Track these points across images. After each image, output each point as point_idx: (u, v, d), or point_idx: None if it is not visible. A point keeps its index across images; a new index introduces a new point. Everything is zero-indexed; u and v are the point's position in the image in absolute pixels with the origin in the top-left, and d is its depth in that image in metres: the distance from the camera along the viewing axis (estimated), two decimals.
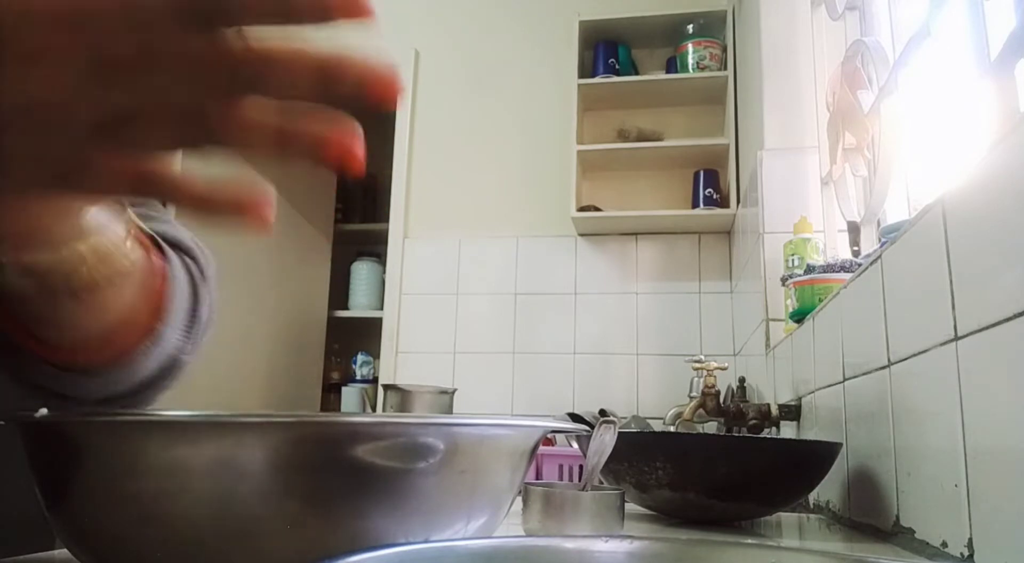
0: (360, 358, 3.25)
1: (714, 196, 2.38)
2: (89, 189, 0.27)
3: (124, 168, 0.26)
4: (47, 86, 0.23)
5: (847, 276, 1.10)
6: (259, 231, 0.27)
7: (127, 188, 0.27)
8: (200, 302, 0.48)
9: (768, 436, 1.33)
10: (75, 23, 0.23)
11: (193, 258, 0.49)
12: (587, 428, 0.60)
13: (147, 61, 0.24)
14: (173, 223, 0.49)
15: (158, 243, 0.44)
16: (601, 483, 0.82)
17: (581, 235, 2.55)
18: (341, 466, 0.34)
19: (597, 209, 2.45)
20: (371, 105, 0.25)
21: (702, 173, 2.43)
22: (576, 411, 2.11)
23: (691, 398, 1.68)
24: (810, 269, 1.28)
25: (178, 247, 0.48)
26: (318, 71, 0.24)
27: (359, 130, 0.26)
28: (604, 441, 0.60)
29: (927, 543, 0.65)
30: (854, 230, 1.42)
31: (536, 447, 0.44)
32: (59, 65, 0.23)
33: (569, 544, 0.32)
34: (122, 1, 0.23)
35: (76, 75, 0.23)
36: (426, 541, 0.35)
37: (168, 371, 0.47)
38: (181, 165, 0.27)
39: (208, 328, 0.50)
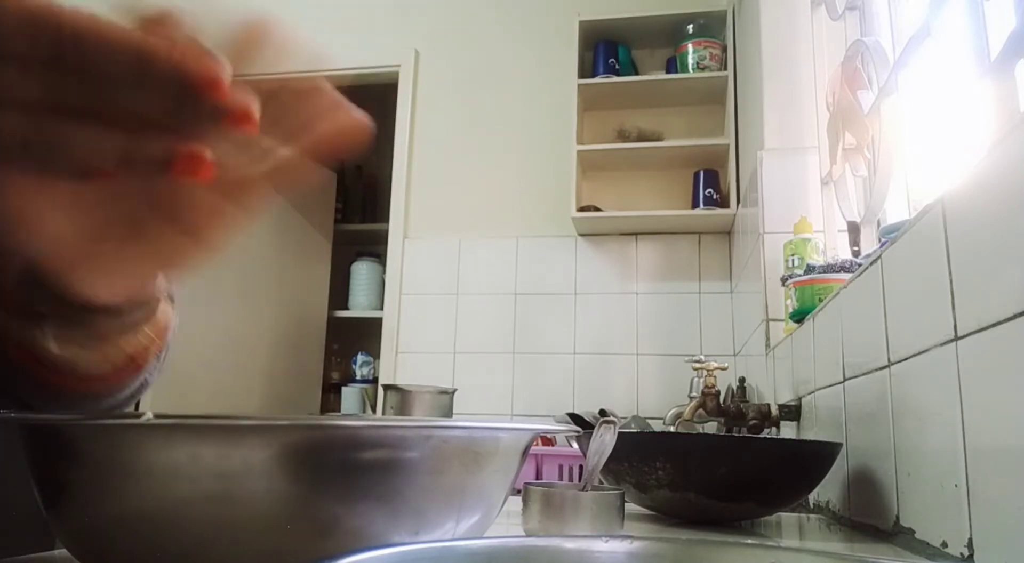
0: (360, 358, 3.25)
1: (714, 196, 2.38)
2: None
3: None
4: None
5: (847, 276, 1.10)
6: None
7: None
8: (168, 346, 0.49)
9: (768, 436, 1.33)
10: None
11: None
12: (577, 429, 0.60)
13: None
14: None
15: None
16: (601, 483, 0.82)
17: (581, 235, 2.55)
18: (334, 468, 0.34)
19: (597, 209, 2.45)
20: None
21: (702, 173, 2.43)
22: (576, 411, 2.11)
23: (691, 398, 1.68)
24: (810, 269, 1.28)
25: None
26: (136, 55, 0.24)
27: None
28: (604, 441, 0.60)
29: (927, 543, 0.65)
30: (854, 230, 1.42)
31: (527, 449, 0.44)
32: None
33: (569, 544, 0.32)
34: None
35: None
36: (426, 541, 0.35)
37: (136, 394, 0.48)
38: None
39: (165, 364, 0.51)
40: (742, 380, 1.75)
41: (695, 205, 2.40)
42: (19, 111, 0.24)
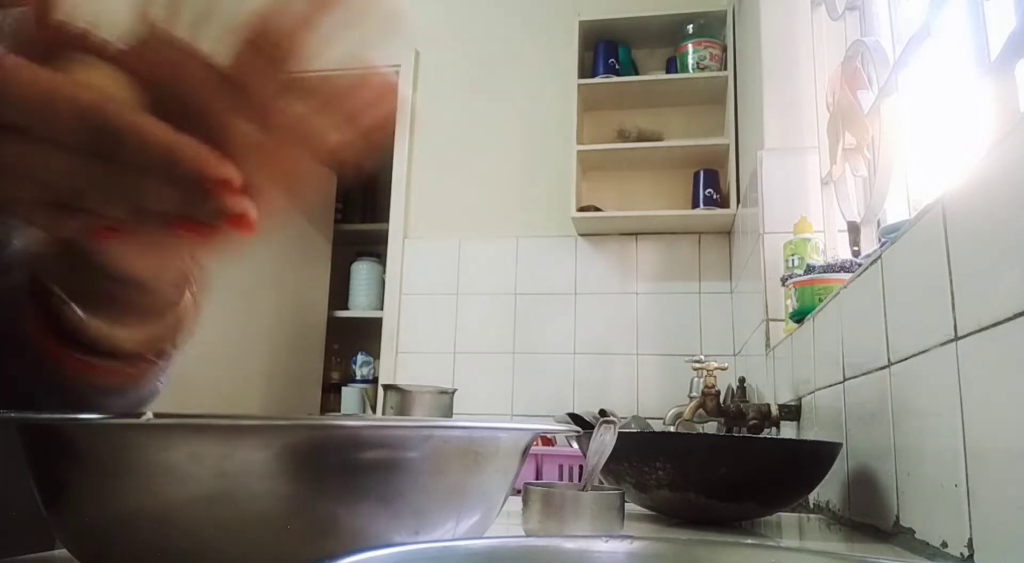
0: (360, 358, 3.25)
1: (714, 196, 2.38)
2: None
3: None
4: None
5: (847, 276, 1.10)
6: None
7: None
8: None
9: (768, 436, 1.33)
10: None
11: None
12: (577, 429, 0.60)
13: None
14: None
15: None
16: (601, 483, 0.82)
17: (581, 235, 2.55)
18: (334, 468, 0.34)
19: (597, 209, 2.45)
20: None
21: (702, 173, 2.43)
22: (576, 411, 2.11)
23: (691, 398, 1.68)
24: (810, 269, 1.28)
25: None
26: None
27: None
28: (604, 441, 0.60)
29: (927, 543, 0.65)
30: (854, 230, 1.42)
31: (527, 449, 0.44)
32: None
33: (569, 544, 0.32)
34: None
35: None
36: (426, 541, 0.35)
37: (149, 398, 0.50)
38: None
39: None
40: (742, 380, 1.75)
41: (695, 205, 2.40)
42: (49, 183, 0.27)
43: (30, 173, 0.27)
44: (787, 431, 1.35)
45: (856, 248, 1.40)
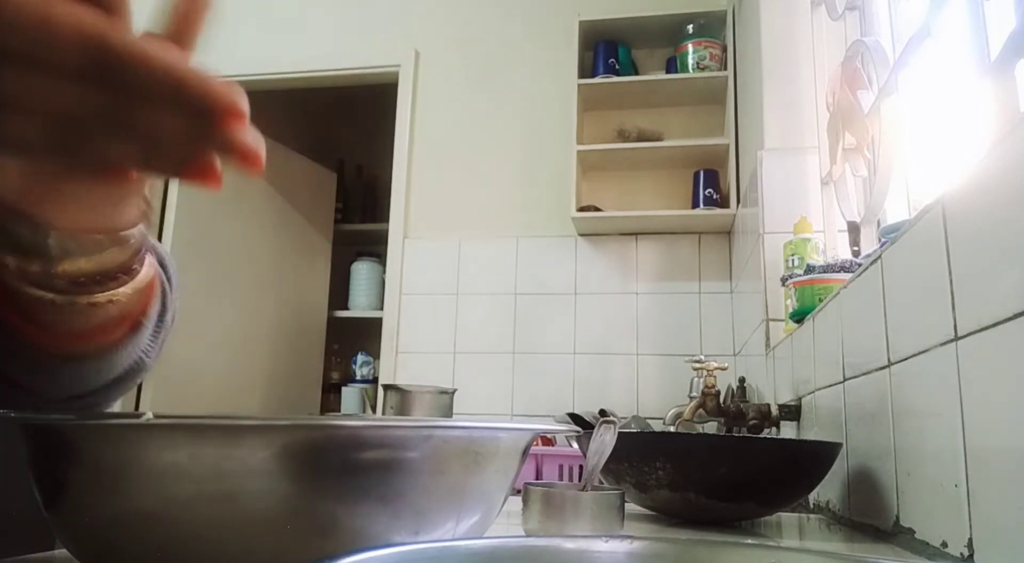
0: (360, 358, 3.25)
1: (714, 196, 2.38)
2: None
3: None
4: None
5: (847, 276, 1.10)
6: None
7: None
8: (167, 309, 0.49)
9: (768, 436, 1.33)
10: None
11: (163, 266, 0.50)
12: (577, 429, 0.60)
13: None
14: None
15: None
16: (601, 483, 0.82)
17: (581, 235, 2.55)
18: (334, 468, 0.34)
19: (597, 209, 2.45)
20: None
21: (702, 173, 2.43)
22: (576, 411, 2.11)
23: (691, 398, 1.68)
24: (810, 269, 1.28)
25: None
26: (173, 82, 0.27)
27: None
28: (604, 441, 0.60)
29: (927, 543, 0.65)
30: (854, 230, 1.42)
31: (527, 449, 0.44)
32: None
33: (569, 544, 0.32)
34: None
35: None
36: (426, 541, 0.35)
37: (133, 372, 0.48)
38: None
39: (170, 334, 0.51)
40: (742, 380, 1.75)
41: (695, 205, 2.40)
42: (55, 114, 0.26)
43: (34, 104, 0.26)
44: (787, 431, 1.35)
45: (856, 248, 1.40)
